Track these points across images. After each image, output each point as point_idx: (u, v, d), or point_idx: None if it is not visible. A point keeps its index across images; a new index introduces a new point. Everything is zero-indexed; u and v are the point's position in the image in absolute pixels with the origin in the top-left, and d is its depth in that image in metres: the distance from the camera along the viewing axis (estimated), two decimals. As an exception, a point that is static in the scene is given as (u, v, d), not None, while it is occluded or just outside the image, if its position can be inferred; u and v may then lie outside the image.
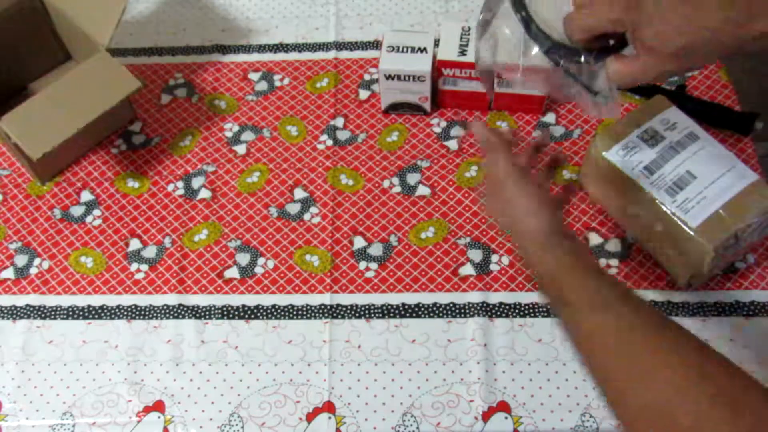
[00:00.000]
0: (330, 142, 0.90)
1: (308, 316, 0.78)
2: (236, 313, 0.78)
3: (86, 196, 0.88)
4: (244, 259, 0.82)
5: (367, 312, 0.77)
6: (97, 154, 0.91)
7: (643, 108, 0.77)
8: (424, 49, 0.85)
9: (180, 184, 0.88)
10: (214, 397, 0.74)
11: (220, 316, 0.78)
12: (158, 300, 0.80)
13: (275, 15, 1.03)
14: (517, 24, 0.56)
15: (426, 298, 0.78)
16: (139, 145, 0.91)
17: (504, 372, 0.73)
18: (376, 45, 0.98)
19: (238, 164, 0.89)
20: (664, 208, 0.71)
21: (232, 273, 0.81)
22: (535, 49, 0.56)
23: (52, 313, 0.80)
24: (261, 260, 0.81)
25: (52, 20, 0.93)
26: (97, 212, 0.86)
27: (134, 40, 1.01)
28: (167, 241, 0.83)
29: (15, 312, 0.80)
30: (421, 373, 0.74)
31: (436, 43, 0.87)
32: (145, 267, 0.82)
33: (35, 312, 0.80)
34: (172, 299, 0.79)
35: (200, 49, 1.00)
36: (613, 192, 0.77)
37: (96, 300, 0.80)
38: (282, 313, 0.78)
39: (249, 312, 0.78)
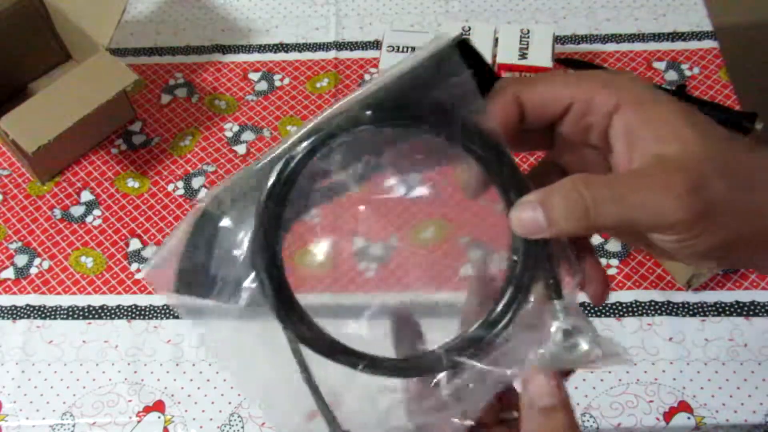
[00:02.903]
0: (330, 142, 0.90)
1: (308, 316, 0.78)
2: (236, 313, 0.78)
3: (86, 196, 0.88)
4: (244, 259, 0.82)
5: (367, 312, 0.77)
6: (97, 154, 0.91)
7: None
8: (424, 49, 0.85)
9: (180, 184, 0.88)
10: (214, 397, 0.74)
11: (220, 316, 0.78)
12: (158, 300, 0.80)
13: (275, 15, 1.03)
14: None
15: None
16: (139, 145, 0.91)
17: (504, 372, 0.73)
18: (376, 45, 0.98)
19: (238, 164, 0.89)
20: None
21: (232, 273, 0.81)
22: None
23: (52, 313, 0.80)
24: (261, 260, 0.81)
25: (52, 20, 0.93)
26: (97, 212, 0.86)
27: (134, 40, 1.01)
28: (167, 241, 0.83)
29: (15, 312, 0.80)
30: (421, 373, 0.74)
31: (436, 43, 0.87)
32: (145, 267, 0.82)
33: (35, 312, 0.80)
34: (172, 299, 0.79)
35: (200, 49, 1.00)
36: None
37: (96, 300, 0.80)
38: (282, 313, 0.78)
39: (249, 312, 0.78)
